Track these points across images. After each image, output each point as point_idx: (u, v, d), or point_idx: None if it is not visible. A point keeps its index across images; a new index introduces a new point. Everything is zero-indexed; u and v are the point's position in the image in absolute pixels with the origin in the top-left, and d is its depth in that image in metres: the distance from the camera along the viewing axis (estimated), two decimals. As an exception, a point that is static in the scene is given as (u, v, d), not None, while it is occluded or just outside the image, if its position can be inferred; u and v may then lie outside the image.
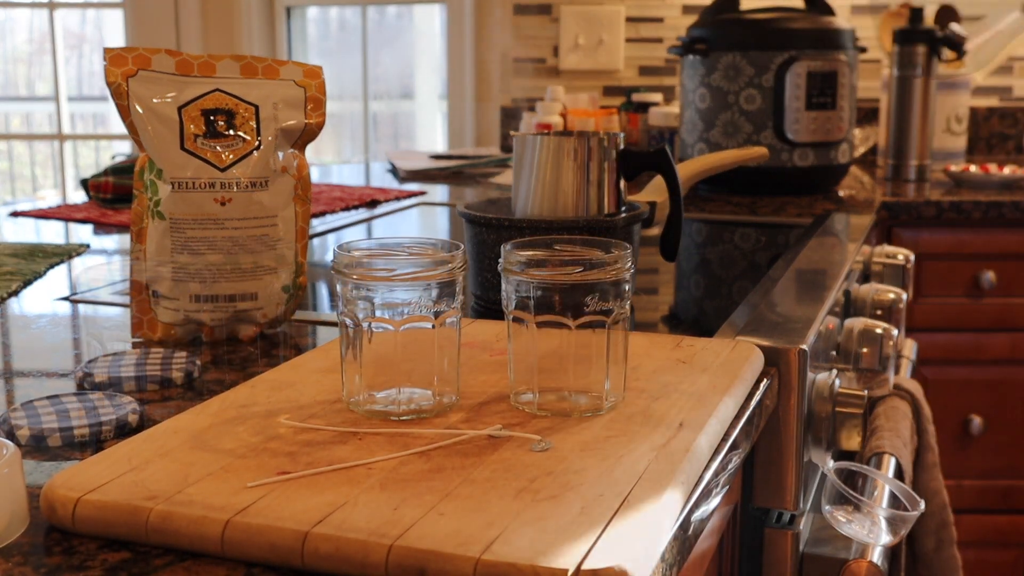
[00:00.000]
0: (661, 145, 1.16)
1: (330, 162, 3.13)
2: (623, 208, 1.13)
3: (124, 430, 0.74)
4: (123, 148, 3.51)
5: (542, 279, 0.72)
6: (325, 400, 0.76)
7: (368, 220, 1.77)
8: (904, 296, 1.42)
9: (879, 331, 1.22)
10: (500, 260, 0.74)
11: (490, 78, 2.95)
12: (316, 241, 1.58)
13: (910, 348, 1.63)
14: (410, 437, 0.69)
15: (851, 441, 1.10)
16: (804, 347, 0.93)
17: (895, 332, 1.24)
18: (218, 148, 0.95)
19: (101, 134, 3.91)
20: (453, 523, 0.56)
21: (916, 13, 2.18)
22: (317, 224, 1.69)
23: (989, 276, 2.00)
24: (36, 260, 1.35)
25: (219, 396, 0.77)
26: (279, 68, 0.99)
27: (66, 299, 1.18)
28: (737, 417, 0.78)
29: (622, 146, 1.12)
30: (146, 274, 0.97)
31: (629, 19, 2.76)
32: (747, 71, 1.92)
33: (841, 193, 1.99)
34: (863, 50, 2.02)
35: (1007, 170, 2.16)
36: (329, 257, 1.41)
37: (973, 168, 2.17)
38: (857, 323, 1.24)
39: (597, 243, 0.78)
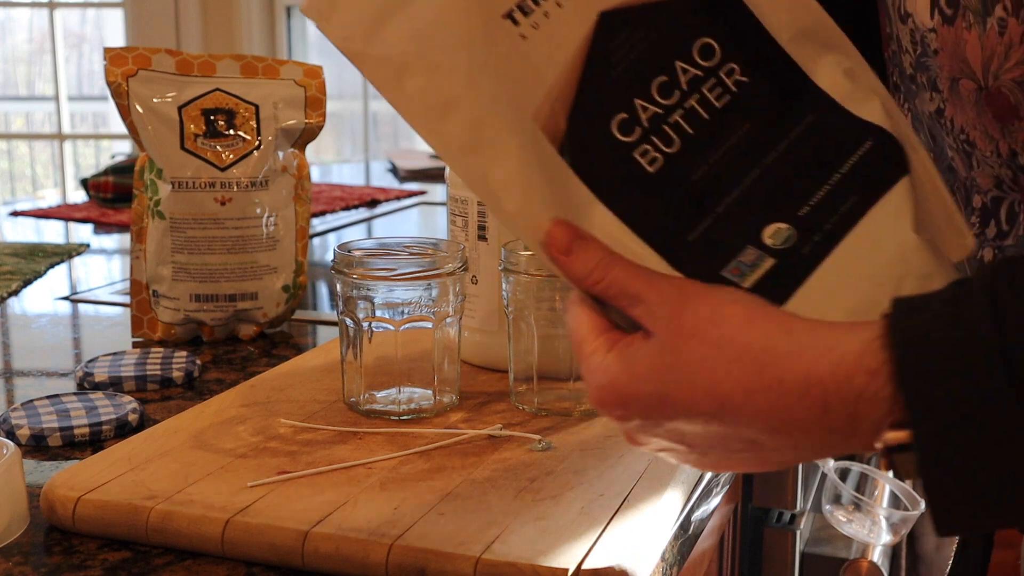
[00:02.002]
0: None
1: (330, 162, 3.13)
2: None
3: (124, 430, 0.74)
4: (123, 148, 3.51)
5: (542, 278, 0.72)
6: (325, 400, 0.76)
7: (368, 220, 1.77)
8: (904, 296, 1.41)
9: (879, 331, 1.22)
10: (501, 259, 0.74)
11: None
12: (316, 241, 1.58)
13: (910, 348, 1.62)
14: (410, 437, 0.69)
15: (851, 441, 1.10)
16: (804, 347, 0.93)
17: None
18: (218, 148, 0.95)
19: (101, 134, 3.91)
20: (453, 523, 0.56)
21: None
22: (317, 224, 1.69)
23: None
24: (36, 259, 1.35)
25: (219, 396, 0.77)
26: (279, 68, 0.99)
27: (66, 299, 1.18)
28: (737, 417, 0.78)
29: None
30: (146, 274, 0.97)
31: (629, 19, 2.75)
32: (747, 71, 1.91)
33: (841, 193, 1.99)
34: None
35: None
36: (329, 257, 1.41)
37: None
38: (857, 323, 1.23)
39: (597, 243, 0.77)
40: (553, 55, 0.54)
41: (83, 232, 1.61)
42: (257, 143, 0.96)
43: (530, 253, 0.74)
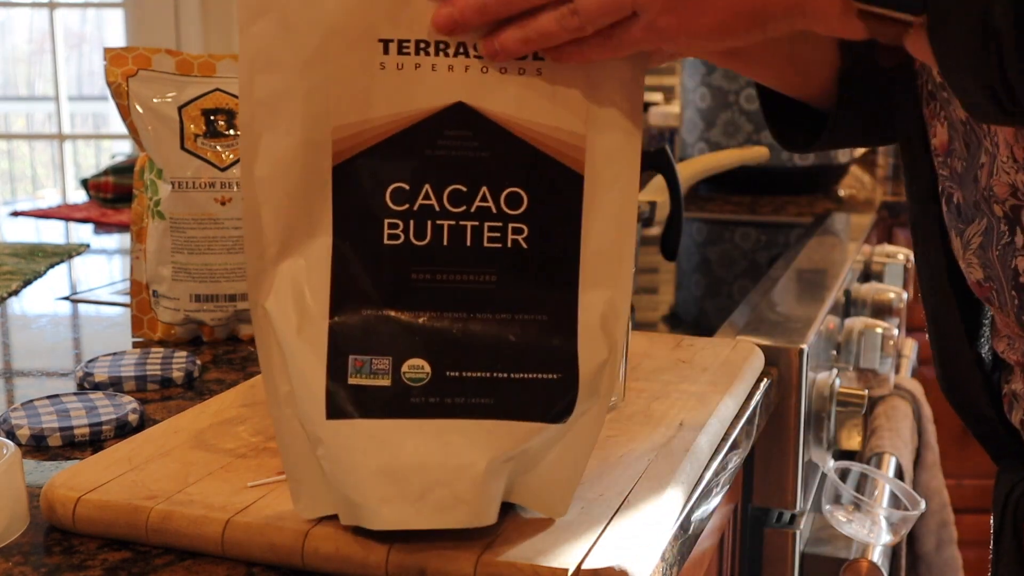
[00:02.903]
0: (661, 145, 1.16)
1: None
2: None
3: (124, 430, 0.74)
4: (123, 148, 3.51)
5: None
6: (325, 400, 0.76)
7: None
8: (904, 295, 1.42)
9: (879, 331, 1.22)
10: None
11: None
12: (316, 241, 1.57)
13: (910, 348, 1.63)
14: (410, 437, 0.69)
15: (851, 441, 1.10)
16: (804, 347, 0.93)
17: (895, 332, 1.24)
18: (218, 148, 0.95)
19: (101, 134, 3.91)
20: (453, 523, 0.56)
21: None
22: (317, 224, 1.68)
23: None
24: (36, 260, 1.35)
25: (219, 396, 0.77)
26: (279, 68, 0.99)
27: (66, 299, 1.18)
28: (737, 417, 0.78)
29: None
30: (146, 274, 0.97)
31: (629, 19, 2.75)
32: (747, 71, 1.91)
33: (841, 192, 2.00)
34: (863, 50, 2.01)
35: None
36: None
37: None
38: (857, 323, 1.24)
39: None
40: (393, 98, 0.56)
41: (83, 232, 1.61)
42: (257, 143, 0.96)
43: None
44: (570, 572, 0.52)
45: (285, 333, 0.56)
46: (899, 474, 1.20)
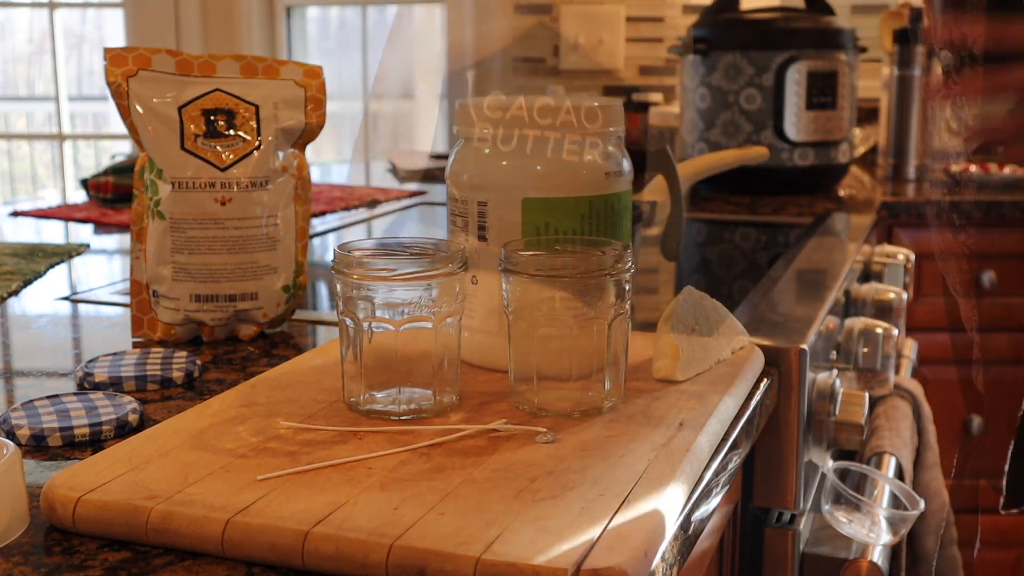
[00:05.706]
0: (661, 145, 1.16)
1: (330, 162, 3.13)
2: (623, 208, 1.13)
3: (124, 430, 0.74)
4: (123, 148, 3.51)
5: (542, 278, 0.72)
6: (325, 400, 0.76)
7: (368, 220, 1.77)
8: (904, 296, 1.42)
9: (879, 331, 1.22)
10: (501, 260, 0.74)
11: (490, 78, 2.94)
12: (316, 241, 1.58)
13: (910, 348, 1.63)
14: (410, 436, 0.69)
15: (851, 441, 1.10)
16: (804, 347, 0.93)
17: (895, 332, 1.24)
18: (218, 148, 0.95)
19: (101, 134, 3.91)
20: (453, 523, 0.56)
21: (916, 13, 2.18)
22: (317, 224, 1.69)
23: (989, 276, 1.99)
24: (36, 260, 1.35)
25: (219, 396, 0.77)
26: (279, 68, 0.99)
27: (66, 299, 1.18)
28: (737, 417, 0.78)
29: (622, 146, 1.12)
30: (146, 274, 0.97)
31: (629, 19, 2.75)
32: (747, 71, 1.92)
33: (841, 193, 1.99)
34: (863, 50, 2.02)
35: (1007, 170, 2.16)
36: (329, 257, 1.40)
37: (973, 168, 2.17)
38: (857, 323, 1.24)
39: (597, 242, 0.78)
40: None
41: (83, 232, 1.61)
42: (257, 143, 0.96)
43: (530, 253, 0.74)
44: (570, 572, 0.52)
45: None
46: (899, 474, 1.20)
